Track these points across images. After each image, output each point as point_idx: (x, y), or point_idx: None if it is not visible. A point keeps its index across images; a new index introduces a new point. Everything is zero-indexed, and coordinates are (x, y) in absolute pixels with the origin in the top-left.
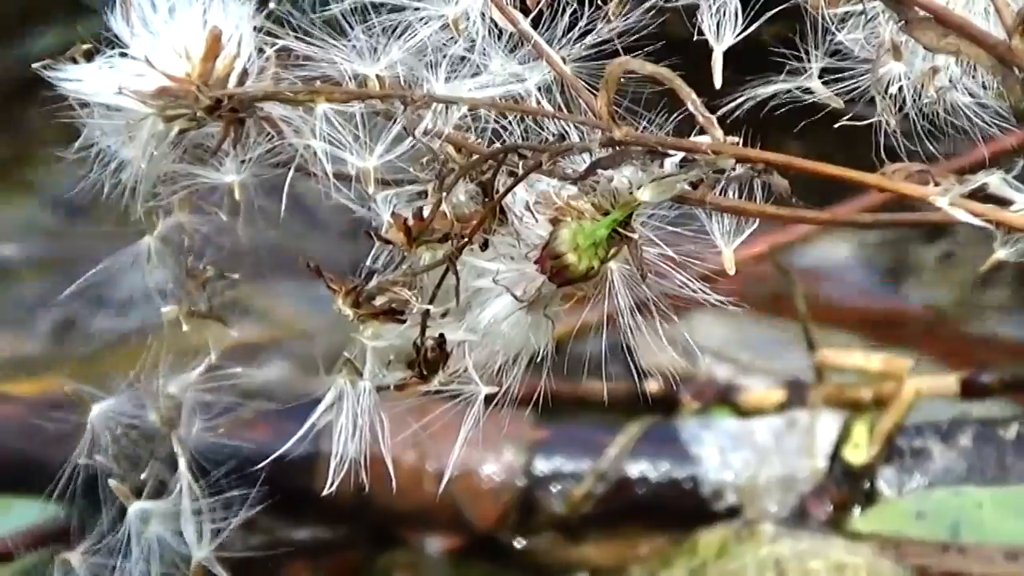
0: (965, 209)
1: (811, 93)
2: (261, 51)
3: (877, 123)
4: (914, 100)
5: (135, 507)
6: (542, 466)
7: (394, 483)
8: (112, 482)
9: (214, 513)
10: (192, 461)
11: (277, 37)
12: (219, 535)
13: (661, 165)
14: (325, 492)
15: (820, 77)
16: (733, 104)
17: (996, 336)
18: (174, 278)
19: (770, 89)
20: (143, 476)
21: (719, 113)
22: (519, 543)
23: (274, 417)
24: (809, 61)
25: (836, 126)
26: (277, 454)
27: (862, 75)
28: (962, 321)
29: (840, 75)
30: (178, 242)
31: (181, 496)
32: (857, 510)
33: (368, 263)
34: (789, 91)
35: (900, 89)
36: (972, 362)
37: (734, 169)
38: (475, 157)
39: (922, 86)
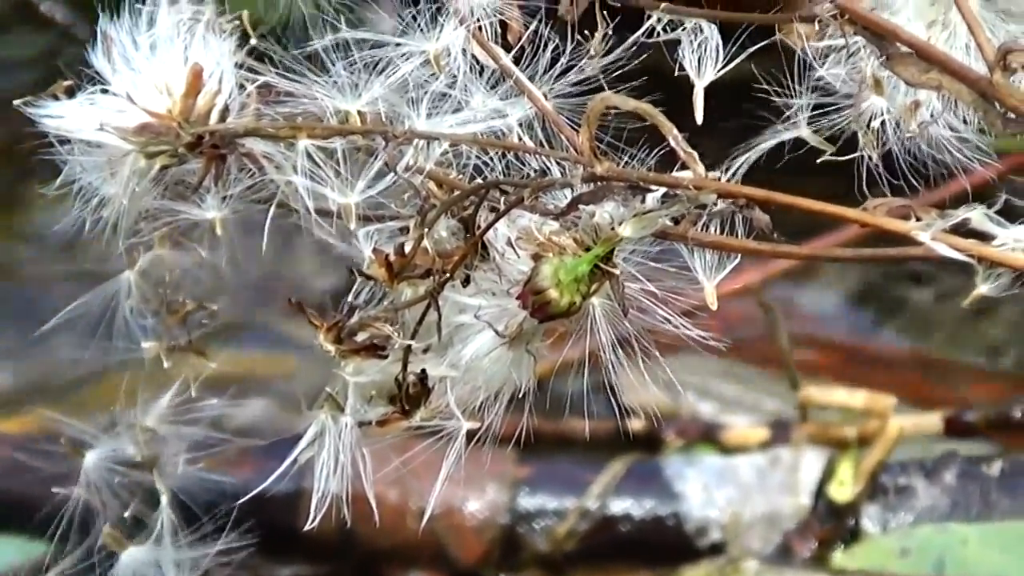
0: (947, 244)
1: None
2: (242, 87)
3: (859, 158)
4: (896, 134)
5: (128, 553)
6: (526, 503)
7: (377, 520)
8: (106, 529)
9: (195, 549)
10: (174, 498)
11: (258, 73)
12: (199, 569)
13: (643, 200)
14: (307, 527)
15: (804, 114)
16: (741, 159)
17: (983, 373)
18: (154, 313)
19: (771, 143)
20: (126, 515)
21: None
22: None
23: (256, 454)
24: (792, 97)
25: (819, 161)
26: (258, 490)
27: (844, 109)
28: (948, 362)
29: (822, 111)
30: (158, 277)
31: (162, 532)
32: (841, 547)
33: (350, 299)
34: (785, 142)
35: (882, 124)
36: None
37: (715, 204)
38: (456, 193)
39: (904, 121)
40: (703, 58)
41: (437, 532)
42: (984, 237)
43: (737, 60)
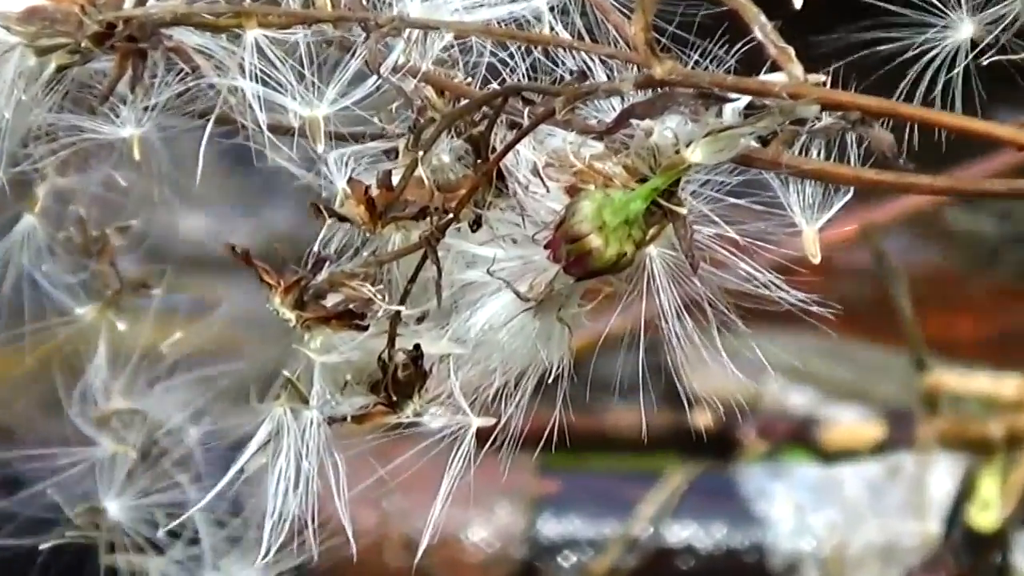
0: None
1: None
2: None
3: None
4: None
5: None
6: (549, 530)
7: (352, 551)
8: None
9: None
10: None
11: None
12: None
13: (719, 114)
14: (259, 562)
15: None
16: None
17: None
18: (74, 262)
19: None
20: None
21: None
22: None
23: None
24: None
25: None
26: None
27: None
28: None
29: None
30: (72, 215)
31: None
32: None
33: (316, 248)
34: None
35: None
36: None
37: (819, 119)
38: (463, 103)
39: None
40: None
41: (428, 569)
42: None
43: None
